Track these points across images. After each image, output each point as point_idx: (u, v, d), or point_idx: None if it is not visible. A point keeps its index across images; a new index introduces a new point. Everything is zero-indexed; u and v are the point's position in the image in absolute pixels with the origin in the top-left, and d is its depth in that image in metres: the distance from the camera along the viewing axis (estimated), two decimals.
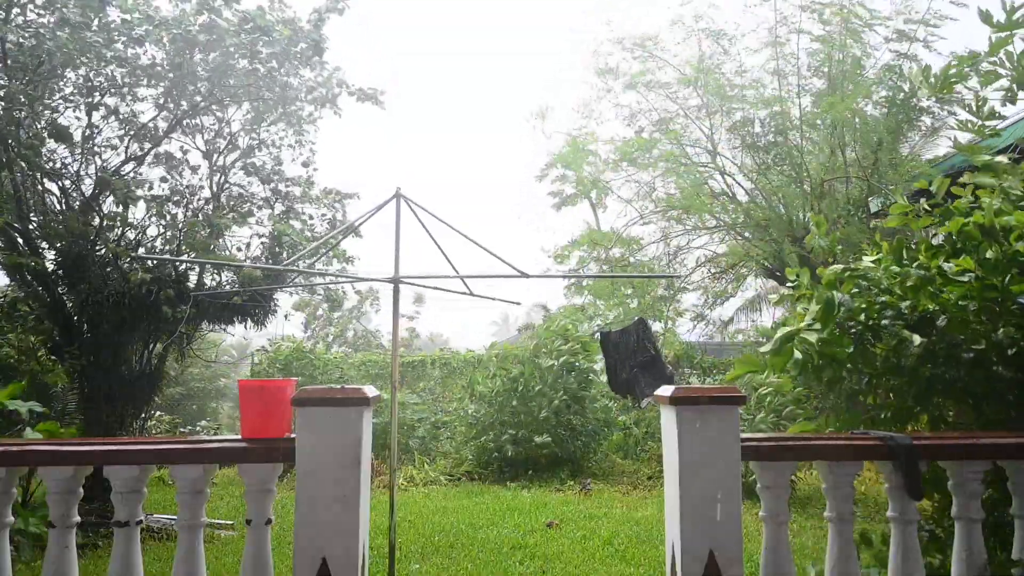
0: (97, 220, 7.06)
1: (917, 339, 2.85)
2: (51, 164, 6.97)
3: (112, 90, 7.08)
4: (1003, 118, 3.50)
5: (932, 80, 3.54)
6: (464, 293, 4.85)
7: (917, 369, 2.92)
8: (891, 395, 3.10)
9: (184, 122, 7.65)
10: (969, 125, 3.44)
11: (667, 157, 10.24)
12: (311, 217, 8.52)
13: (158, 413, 11.64)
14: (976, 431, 2.98)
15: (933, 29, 8.61)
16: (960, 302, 2.97)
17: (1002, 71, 3.26)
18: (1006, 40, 3.22)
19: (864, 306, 3.08)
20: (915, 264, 3.11)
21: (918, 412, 3.09)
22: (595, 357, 10.48)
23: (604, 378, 9.45)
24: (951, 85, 3.47)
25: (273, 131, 8.22)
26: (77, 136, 6.98)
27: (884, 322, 3.01)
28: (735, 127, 9.86)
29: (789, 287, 3.62)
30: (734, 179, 10.40)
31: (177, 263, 7.31)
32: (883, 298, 3.08)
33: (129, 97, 7.27)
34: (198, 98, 7.39)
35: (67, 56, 6.19)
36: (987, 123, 3.40)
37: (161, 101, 7.39)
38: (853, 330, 3.08)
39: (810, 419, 3.46)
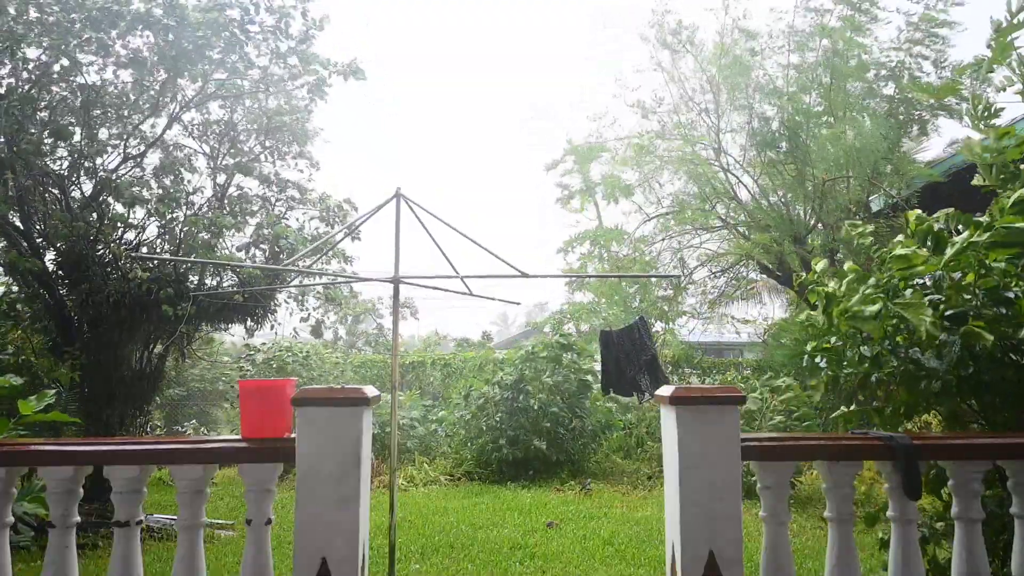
0: (97, 220, 7.05)
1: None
2: (51, 164, 6.96)
3: (111, 89, 7.08)
4: (998, 115, 3.48)
5: (934, 82, 3.54)
6: (464, 293, 4.84)
7: (952, 368, 2.81)
8: (897, 391, 3.03)
9: (182, 120, 7.65)
10: (977, 124, 3.43)
11: (682, 158, 10.15)
12: (311, 218, 8.52)
13: (155, 419, 11.60)
14: (978, 431, 2.97)
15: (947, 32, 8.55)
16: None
17: (1014, 77, 3.26)
18: (1008, 44, 3.21)
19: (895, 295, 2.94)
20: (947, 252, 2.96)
21: (924, 410, 3.03)
22: (578, 357, 10.49)
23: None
24: (954, 89, 3.47)
25: (272, 132, 8.21)
26: (77, 135, 6.97)
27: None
28: (745, 126, 9.79)
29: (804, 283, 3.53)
30: (738, 178, 10.36)
31: (177, 263, 7.31)
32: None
33: (127, 97, 7.27)
34: (190, 93, 7.40)
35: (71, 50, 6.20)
36: (990, 122, 3.38)
37: (155, 95, 7.39)
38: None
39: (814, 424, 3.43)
